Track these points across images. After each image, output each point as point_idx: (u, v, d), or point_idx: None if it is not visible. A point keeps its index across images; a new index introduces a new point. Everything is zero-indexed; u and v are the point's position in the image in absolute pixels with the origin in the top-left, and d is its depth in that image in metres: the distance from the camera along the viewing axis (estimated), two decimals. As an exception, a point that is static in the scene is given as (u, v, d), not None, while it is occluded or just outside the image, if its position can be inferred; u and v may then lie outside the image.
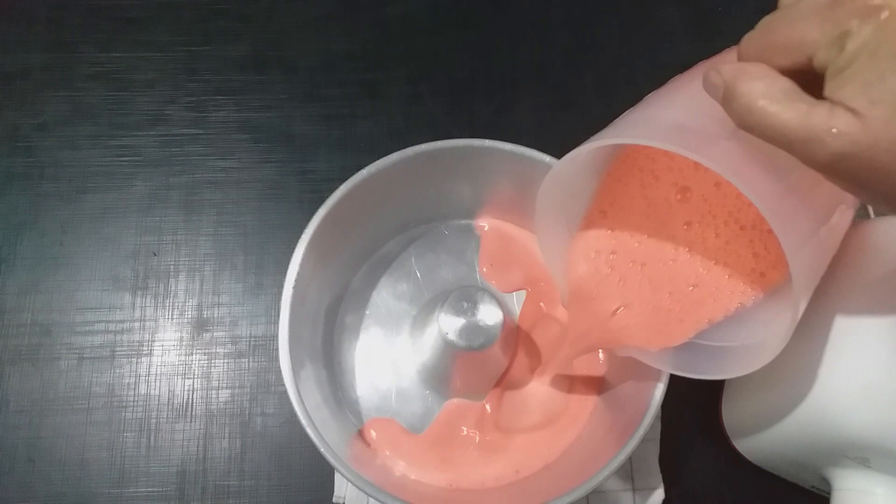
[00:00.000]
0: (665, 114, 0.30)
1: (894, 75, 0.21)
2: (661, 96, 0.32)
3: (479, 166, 0.42)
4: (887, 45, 0.21)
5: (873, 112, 0.21)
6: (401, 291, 0.44)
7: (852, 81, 0.21)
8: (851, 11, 0.21)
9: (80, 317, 0.49)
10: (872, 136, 0.21)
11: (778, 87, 0.23)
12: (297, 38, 0.57)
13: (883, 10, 0.21)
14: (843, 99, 0.21)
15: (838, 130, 0.21)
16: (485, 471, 0.40)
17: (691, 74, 0.31)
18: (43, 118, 0.54)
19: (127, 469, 0.46)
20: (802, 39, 0.23)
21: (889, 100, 0.21)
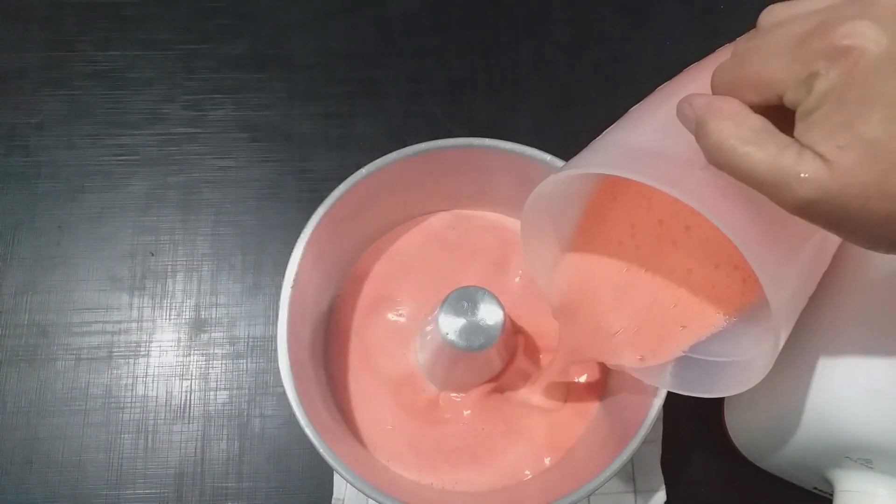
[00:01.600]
0: (643, 136, 0.29)
1: (863, 121, 0.20)
2: (643, 113, 0.31)
3: (479, 165, 0.42)
4: (855, 90, 0.20)
5: (841, 158, 0.20)
6: (404, 292, 0.44)
7: (821, 125, 0.21)
8: (819, 52, 0.21)
9: (77, 317, 0.49)
10: (841, 183, 0.20)
11: (748, 125, 0.22)
12: (296, 37, 0.57)
13: (851, 53, 0.20)
14: (812, 143, 0.21)
15: (807, 176, 0.21)
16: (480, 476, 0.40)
17: (676, 84, 0.31)
18: (40, 117, 0.54)
19: (125, 470, 0.46)
20: (772, 78, 0.22)
21: (857, 146, 0.20)
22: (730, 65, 0.24)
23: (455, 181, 0.44)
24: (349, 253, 0.44)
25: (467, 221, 0.45)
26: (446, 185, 0.44)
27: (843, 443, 0.35)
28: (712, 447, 0.45)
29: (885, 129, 0.20)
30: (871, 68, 0.20)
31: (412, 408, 0.41)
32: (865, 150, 0.20)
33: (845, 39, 0.20)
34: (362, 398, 0.41)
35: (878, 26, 0.20)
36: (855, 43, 0.20)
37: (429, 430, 0.41)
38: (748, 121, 0.22)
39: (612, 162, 0.29)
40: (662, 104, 0.30)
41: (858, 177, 0.20)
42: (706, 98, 0.24)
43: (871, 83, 0.20)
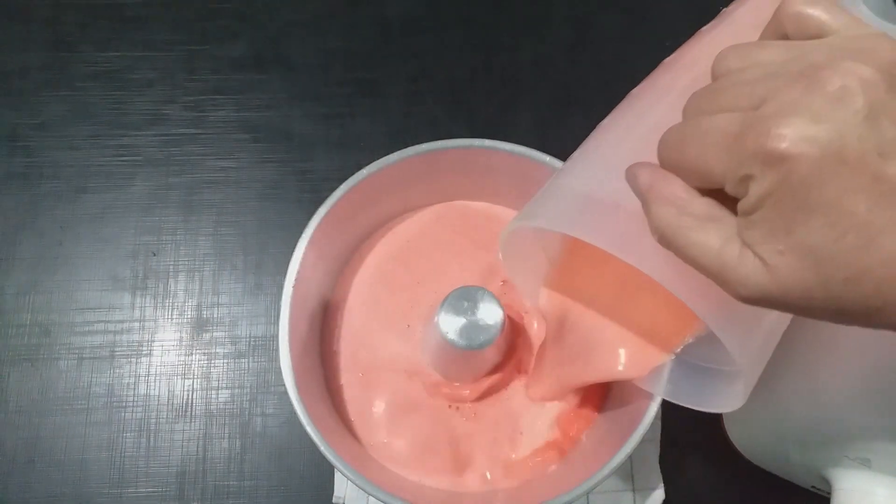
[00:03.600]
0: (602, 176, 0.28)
1: (802, 227, 0.19)
2: (608, 139, 0.30)
3: (479, 165, 0.42)
4: (792, 197, 0.19)
5: (782, 263, 0.20)
6: (403, 291, 0.44)
7: (760, 227, 0.20)
8: (754, 154, 0.19)
9: (79, 317, 0.49)
10: (782, 288, 0.20)
11: (691, 212, 0.21)
12: (296, 37, 0.57)
13: (785, 160, 0.19)
14: (752, 243, 0.20)
15: (747, 276, 0.20)
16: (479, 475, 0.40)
17: (647, 93, 0.30)
18: (42, 118, 0.54)
19: (127, 469, 0.46)
20: (710, 170, 0.21)
21: (798, 252, 0.19)
22: (673, 140, 0.22)
23: (455, 181, 0.44)
24: (349, 251, 0.44)
25: (467, 213, 0.45)
26: (446, 185, 0.44)
27: (841, 441, 0.35)
28: (711, 445, 0.46)
29: (825, 235, 0.19)
30: (807, 176, 0.19)
31: (412, 406, 0.41)
32: (806, 255, 0.19)
33: (781, 144, 0.19)
34: (362, 397, 0.42)
35: (816, 124, 0.18)
36: (790, 150, 0.18)
37: (428, 429, 0.41)
38: (691, 206, 0.21)
39: (565, 217, 0.28)
40: (633, 127, 0.28)
41: (800, 282, 0.20)
42: (650, 175, 0.23)
43: (808, 191, 0.19)
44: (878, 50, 0.20)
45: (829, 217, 0.19)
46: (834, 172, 0.18)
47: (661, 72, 0.31)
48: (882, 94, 0.19)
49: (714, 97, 0.21)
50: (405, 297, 0.43)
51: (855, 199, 0.18)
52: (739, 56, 0.22)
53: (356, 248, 0.44)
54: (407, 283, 0.44)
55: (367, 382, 0.42)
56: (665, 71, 0.31)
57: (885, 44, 0.20)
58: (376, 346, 0.42)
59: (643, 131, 0.27)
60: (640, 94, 0.30)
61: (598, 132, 0.31)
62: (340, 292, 0.43)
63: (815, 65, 0.19)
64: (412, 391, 0.41)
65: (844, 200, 0.19)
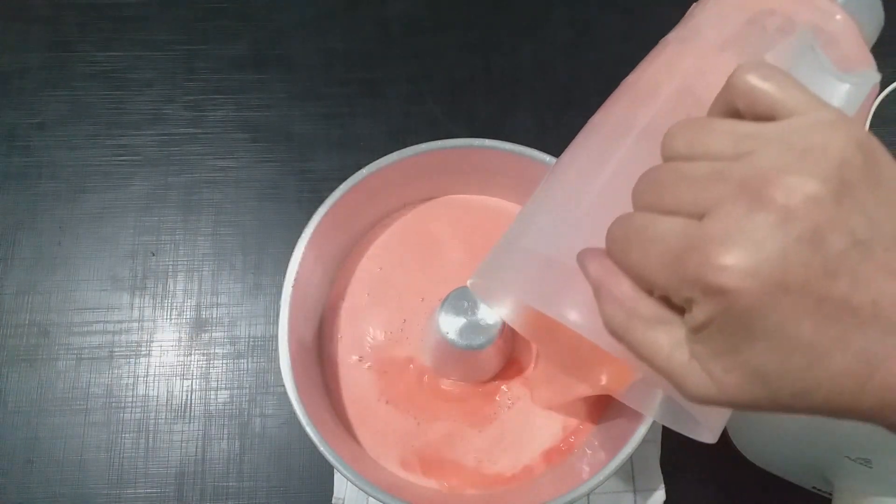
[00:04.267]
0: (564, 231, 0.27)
1: (747, 350, 0.19)
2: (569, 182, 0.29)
3: (479, 165, 0.42)
4: (735, 325, 0.19)
5: (728, 379, 0.19)
6: (403, 290, 0.44)
7: (705, 345, 0.19)
8: (694, 282, 0.19)
9: (78, 317, 0.49)
10: (730, 398, 0.20)
11: (640, 313, 0.21)
12: (296, 37, 0.57)
13: (726, 294, 0.18)
14: (698, 357, 0.20)
15: (696, 385, 0.20)
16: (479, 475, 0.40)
17: (606, 126, 0.29)
18: (41, 118, 0.54)
19: (125, 470, 0.46)
20: (653, 280, 0.20)
21: (744, 370, 0.19)
22: (619, 239, 0.21)
23: (455, 180, 0.44)
24: (348, 251, 0.44)
25: (466, 207, 0.45)
26: (446, 185, 0.44)
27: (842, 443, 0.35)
28: (711, 446, 0.45)
29: (771, 357, 0.19)
30: (749, 308, 0.18)
31: (412, 406, 0.41)
32: (753, 374, 0.19)
33: (720, 277, 0.18)
34: (362, 397, 0.41)
35: (757, 255, 0.18)
36: (730, 285, 0.18)
37: (428, 428, 0.41)
38: (639, 308, 0.21)
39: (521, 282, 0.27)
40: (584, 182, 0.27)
41: (748, 394, 0.19)
42: (599, 269, 0.22)
43: (751, 320, 0.18)
44: (828, 147, 0.18)
45: (774, 342, 0.18)
46: (776, 302, 0.18)
47: (622, 94, 0.30)
48: (828, 209, 0.18)
49: (659, 192, 0.21)
50: (405, 297, 0.43)
51: (799, 324, 0.18)
52: (687, 141, 0.21)
53: (355, 247, 0.44)
54: (407, 281, 0.43)
55: (367, 382, 0.42)
56: (626, 93, 0.29)
57: (837, 138, 0.19)
58: (376, 346, 0.42)
59: (600, 185, 0.26)
60: (601, 125, 0.29)
61: (558, 170, 0.30)
62: (340, 292, 0.43)
63: (761, 174, 0.18)
64: (412, 391, 0.41)
65: (788, 326, 0.18)
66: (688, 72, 0.27)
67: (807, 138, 0.19)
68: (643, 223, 0.21)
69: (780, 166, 0.18)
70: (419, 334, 0.42)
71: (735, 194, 0.19)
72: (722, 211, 0.19)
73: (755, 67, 0.20)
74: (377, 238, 0.45)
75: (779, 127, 0.19)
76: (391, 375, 0.42)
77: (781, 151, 0.19)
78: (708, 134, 0.20)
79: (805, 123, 0.19)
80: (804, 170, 0.18)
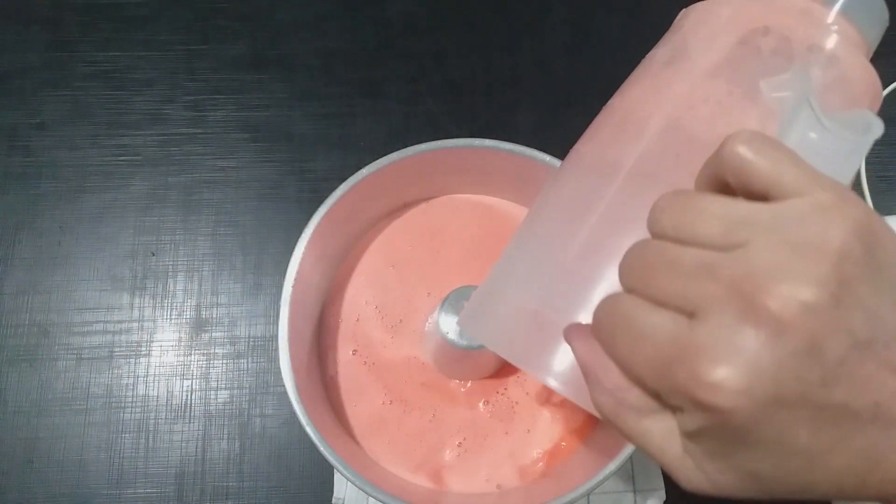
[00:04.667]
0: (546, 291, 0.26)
1: (741, 456, 0.18)
2: (556, 225, 0.27)
3: (479, 165, 0.42)
4: (728, 437, 0.18)
5: (722, 479, 0.19)
6: (402, 289, 0.44)
7: (698, 444, 0.19)
8: (683, 395, 0.18)
9: (78, 317, 0.49)
10: (723, 494, 0.19)
11: (630, 402, 0.20)
12: (296, 37, 0.57)
13: (717, 412, 0.17)
14: (691, 454, 0.19)
15: (689, 478, 0.20)
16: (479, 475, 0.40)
17: (593, 159, 0.28)
18: (41, 118, 0.54)
19: (125, 470, 0.46)
20: (640, 380, 0.20)
21: (738, 473, 0.19)
22: (605, 326, 0.21)
23: (455, 180, 0.44)
24: (348, 250, 0.44)
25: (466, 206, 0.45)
26: (446, 185, 0.44)
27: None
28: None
29: (766, 463, 0.18)
30: (742, 424, 0.17)
31: (412, 405, 0.41)
32: (747, 476, 0.19)
33: (712, 396, 0.17)
34: (362, 397, 0.41)
35: (751, 373, 0.17)
36: (722, 404, 0.17)
37: (428, 428, 0.41)
38: (629, 396, 0.20)
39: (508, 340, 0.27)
40: (572, 229, 0.26)
41: (742, 493, 0.19)
42: (587, 353, 0.21)
43: (745, 433, 0.18)
44: (826, 241, 0.17)
45: (770, 450, 0.18)
46: (771, 416, 0.17)
47: (608, 122, 0.28)
48: (825, 315, 0.17)
49: (647, 277, 0.20)
50: (405, 297, 0.43)
51: (796, 432, 0.17)
52: (676, 223, 0.19)
53: (355, 247, 0.44)
54: (407, 281, 0.43)
55: (368, 382, 0.42)
56: (612, 121, 0.28)
57: (835, 229, 0.17)
58: (376, 346, 0.42)
59: (586, 233, 0.25)
60: (587, 159, 0.28)
61: (544, 207, 0.29)
62: (339, 291, 0.43)
63: (753, 278, 0.17)
64: (413, 390, 0.41)
65: (785, 436, 0.17)
66: (676, 102, 0.26)
67: (803, 230, 0.18)
68: (630, 314, 0.20)
69: (774, 269, 0.17)
70: (419, 334, 0.42)
71: (726, 299, 0.17)
72: (712, 317, 0.18)
73: (747, 140, 0.19)
74: (377, 238, 0.45)
75: (773, 213, 0.18)
76: (391, 375, 0.42)
77: (775, 247, 0.17)
78: (697, 216, 0.19)
79: (801, 210, 0.18)
80: (800, 273, 0.17)
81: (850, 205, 0.18)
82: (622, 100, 0.28)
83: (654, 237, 0.20)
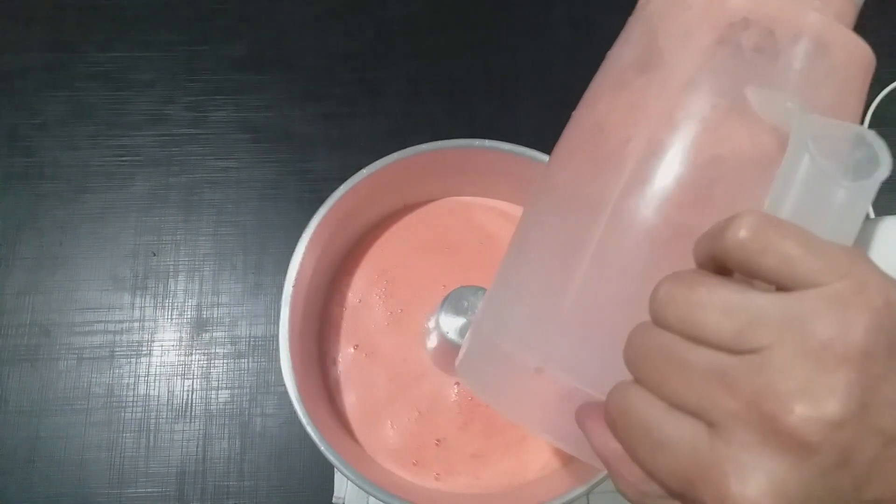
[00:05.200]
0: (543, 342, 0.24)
1: None
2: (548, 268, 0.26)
3: (479, 166, 0.42)
4: None
5: None
6: (401, 290, 0.44)
7: None
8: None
9: (79, 317, 0.49)
10: None
11: (651, 491, 0.19)
12: (296, 38, 0.57)
13: None
14: None
15: None
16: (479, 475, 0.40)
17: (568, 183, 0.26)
18: (42, 118, 0.54)
19: (126, 469, 0.46)
20: (666, 487, 0.19)
21: None
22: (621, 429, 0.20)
23: (455, 180, 0.44)
24: (349, 250, 0.44)
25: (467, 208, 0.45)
26: (446, 185, 0.44)
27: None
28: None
29: None
30: None
31: (412, 405, 0.41)
32: None
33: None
34: (362, 396, 0.42)
35: (778, 493, 0.16)
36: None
37: (428, 428, 0.41)
38: (653, 490, 0.19)
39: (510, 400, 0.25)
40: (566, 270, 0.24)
41: None
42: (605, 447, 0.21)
43: None
44: (848, 343, 0.16)
45: None
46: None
47: (580, 141, 0.27)
48: (854, 426, 0.16)
49: (657, 375, 0.19)
50: (405, 297, 0.43)
51: None
52: (680, 317, 0.18)
53: (355, 247, 0.44)
54: (407, 281, 0.44)
55: (368, 381, 0.42)
56: (583, 138, 0.26)
57: (857, 326, 0.16)
58: (377, 346, 0.42)
59: (579, 278, 0.24)
60: (567, 188, 0.26)
61: (527, 241, 0.27)
62: (340, 291, 0.43)
63: (773, 396, 0.16)
64: (414, 390, 0.41)
65: None
66: (656, 122, 0.23)
67: (820, 331, 0.16)
68: (647, 420, 0.19)
69: (795, 383, 0.16)
70: (420, 334, 0.42)
71: (747, 417, 0.17)
72: (735, 435, 0.17)
73: (751, 228, 0.18)
74: (377, 238, 0.45)
75: (785, 310, 0.17)
76: (392, 375, 0.42)
77: (793, 355, 0.16)
78: (703, 311, 0.18)
79: (816, 307, 0.17)
80: (823, 387, 0.16)
81: (868, 290, 0.17)
82: (593, 114, 0.26)
83: (657, 326, 0.19)
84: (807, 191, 0.19)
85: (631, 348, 0.20)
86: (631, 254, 0.22)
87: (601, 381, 0.21)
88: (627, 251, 0.21)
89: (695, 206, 0.22)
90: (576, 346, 0.23)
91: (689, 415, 0.18)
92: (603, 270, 0.23)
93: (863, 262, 0.17)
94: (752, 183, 0.22)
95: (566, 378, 0.22)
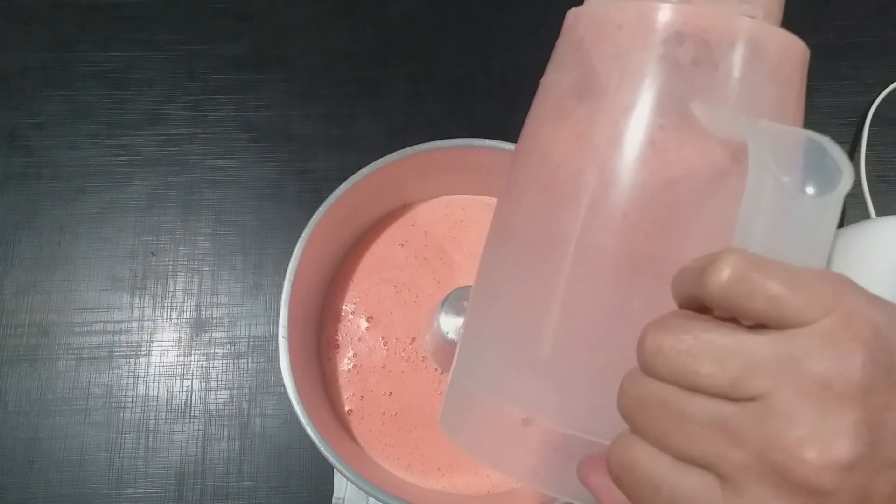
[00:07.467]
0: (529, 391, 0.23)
1: None
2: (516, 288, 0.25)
3: (479, 166, 0.42)
4: None
5: None
6: (401, 289, 0.44)
7: None
8: None
9: (78, 317, 0.49)
10: None
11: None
12: (296, 37, 0.57)
13: None
14: None
15: None
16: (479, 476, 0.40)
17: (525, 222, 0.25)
18: (41, 117, 0.54)
19: (125, 470, 0.46)
20: None
21: None
22: (627, 482, 0.19)
23: (455, 180, 0.44)
24: (348, 250, 0.44)
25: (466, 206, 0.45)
26: (446, 185, 0.44)
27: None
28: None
29: None
30: None
31: (412, 404, 0.41)
32: None
33: None
34: (362, 397, 0.41)
35: None
36: None
37: (428, 427, 0.41)
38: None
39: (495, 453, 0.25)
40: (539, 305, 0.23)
41: None
42: (607, 495, 0.20)
43: None
44: (846, 381, 0.16)
45: None
46: None
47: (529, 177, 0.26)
48: (866, 465, 0.16)
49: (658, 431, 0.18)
50: (405, 297, 0.43)
51: None
52: (671, 368, 0.18)
53: (355, 247, 0.44)
54: (406, 282, 0.43)
55: (368, 381, 0.42)
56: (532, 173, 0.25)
57: (852, 362, 0.16)
58: (376, 345, 0.42)
59: (553, 324, 0.23)
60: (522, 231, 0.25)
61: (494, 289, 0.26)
62: (340, 291, 0.43)
63: (780, 445, 0.16)
64: (413, 389, 0.41)
65: None
66: (605, 151, 0.23)
67: (817, 371, 0.16)
68: (652, 476, 0.18)
69: (800, 430, 0.16)
70: (419, 334, 0.42)
71: (757, 469, 0.16)
72: (747, 489, 0.16)
73: (731, 267, 0.17)
74: (377, 238, 0.45)
75: (778, 352, 0.17)
76: (391, 374, 0.42)
77: (793, 400, 0.16)
78: (693, 361, 0.17)
79: (809, 347, 0.16)
80: (829, 430, 0.16)
81: (856, 322, 0.17)
82: (539, 144, 0.25)
83: (648, 376, 0.19)
84: (775, 215, 0.19)
85: (625, 400, 0.19)
86: (603, 290, 0.21)
87: (594, 425, 0.21)
88: (599, 288, 0.21)
89: (660, 232, 0.22)
90: (561, 392, 0.22)
91: (697, 467, 0.17)
92: (577, 311, 0.22)
93: (846, 290, 0.17)
94: (712, 199, 0.22)
95: (557, 426, 0.21)
